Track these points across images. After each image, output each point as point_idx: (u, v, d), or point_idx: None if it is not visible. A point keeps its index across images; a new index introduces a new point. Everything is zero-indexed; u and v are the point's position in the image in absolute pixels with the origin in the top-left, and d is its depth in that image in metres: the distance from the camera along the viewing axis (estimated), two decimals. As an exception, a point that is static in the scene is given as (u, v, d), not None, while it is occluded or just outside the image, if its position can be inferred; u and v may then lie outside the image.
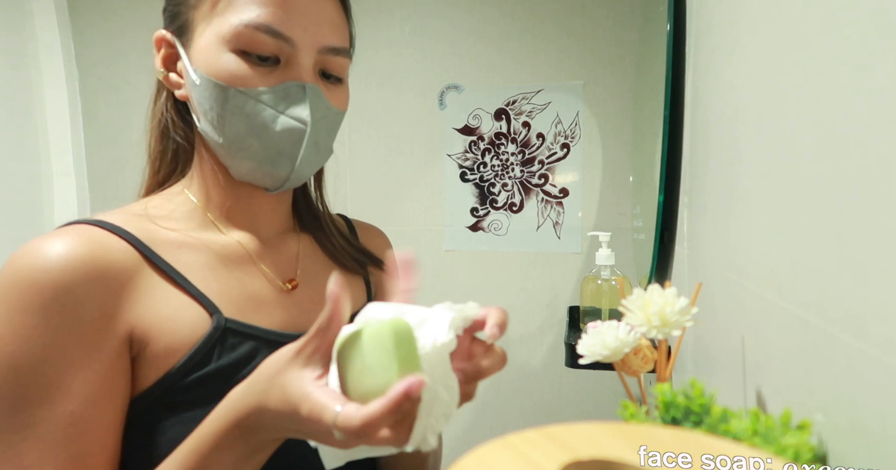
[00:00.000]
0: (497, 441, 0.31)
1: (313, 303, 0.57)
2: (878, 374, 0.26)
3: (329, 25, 0.51)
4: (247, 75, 0.48)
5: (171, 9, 0.53)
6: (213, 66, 0.48)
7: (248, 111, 0.49)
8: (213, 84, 0.48)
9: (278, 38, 0.48)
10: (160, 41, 0.54)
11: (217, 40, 0.48)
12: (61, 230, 0.46)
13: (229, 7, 0.48)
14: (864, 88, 0.28)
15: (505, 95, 1.37)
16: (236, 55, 0.48)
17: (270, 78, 0.49)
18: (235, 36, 0.47)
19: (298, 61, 0.49)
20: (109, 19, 1.52)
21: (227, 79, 0.48)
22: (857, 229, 0.28)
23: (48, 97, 1.51)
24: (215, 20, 0.48)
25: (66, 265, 0.42)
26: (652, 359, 0.48)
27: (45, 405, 0.41)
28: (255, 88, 0.48)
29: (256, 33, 0.47)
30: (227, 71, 0.48)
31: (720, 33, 0.60)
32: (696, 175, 0.71)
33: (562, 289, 1.39)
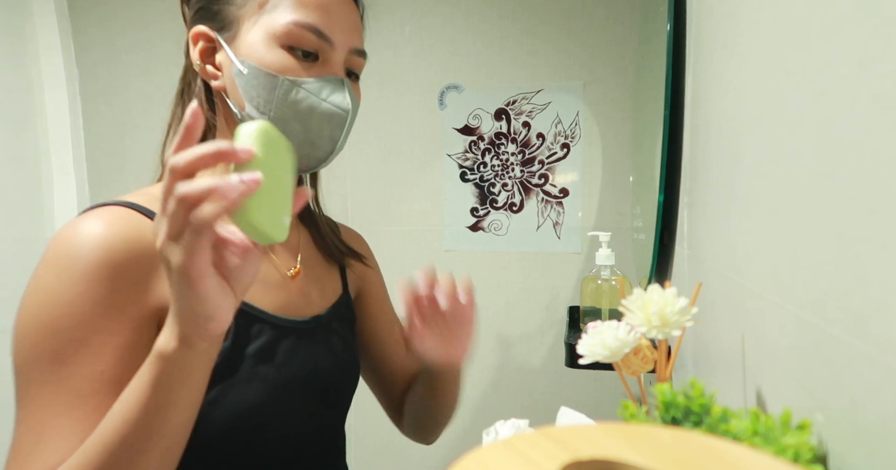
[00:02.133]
0: (497, 441, 0.31)
1: (309, 287, 0.65)
2: (878, 374, 0.26)
3: (356, 31, 0.60)
4: (294, 67, 0.55)
5: (213, 7, 0.58)
6: (263, 58, 0.55)
7: (294, 98, 0.55)
8: (263, 73, 0.54)
9: (321, 38, 0.56)
10: (198, 36, 0.58)
11: (267, 36, 0.55)
12: (99, 211, 0.51)
13: (278, 7, 0.55)
14: (865, 88, 0.28)
15: (505, 95, 1.37)
16: (284, 50, 0.55)
17: (312, 71, 0.56)
18: (286, 33, 0.54)
19: (334, 59, 0.57)
20: (109, 19, 1.52)
21: (277, 69, 0.54)
22: (857, 229, 0.28)
23: (48, 97, 1.51)
24: (264, 18, 0.55)
25: (106, 243, 0.48)
26: (652, 359, 0.48)
27: (78, 363, 0.46)
28: (302, 78, 0.55)
29: (304, 32, 0.55)
30: (277, 62, 0.55)
31: (720, 33, 0.60)
32: (696, 175, 0.71)
33: (562, 289, 1.39)
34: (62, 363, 0.46)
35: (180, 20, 1.63)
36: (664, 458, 0.28)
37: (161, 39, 1.51)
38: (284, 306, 0.60)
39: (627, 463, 0.28)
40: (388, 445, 1.48)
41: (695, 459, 0.28)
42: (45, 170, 1.51)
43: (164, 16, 1.50)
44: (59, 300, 0.46)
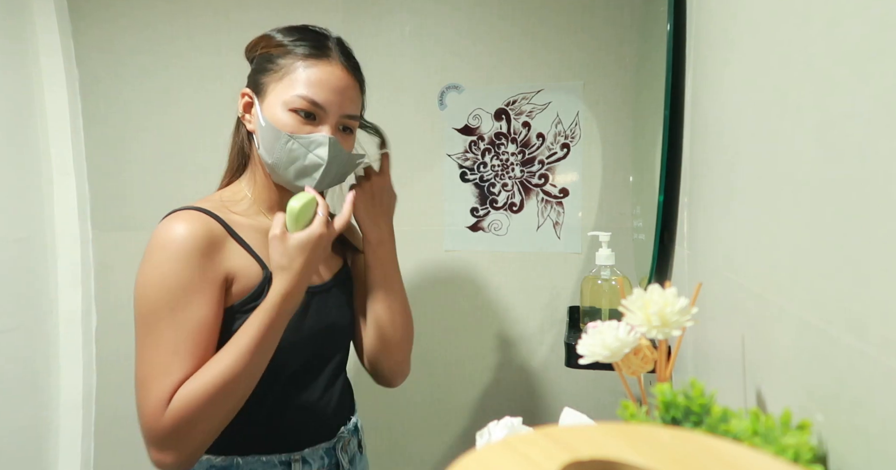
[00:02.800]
0: (497, 441, 0.31)
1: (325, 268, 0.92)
2: (878, 374, 0.26)
3: (349, 100, 0.83)
4: (295, 126, 0.79)
5: (255, 77, 0.84)
6: (275, 117, 0.79)
7: (290, 147, 0.79)
8: (273, 128, 0.79)
9: (317, 107, 0.79)
10: (243, 94, 0.85)
11: (280, 102, 0.79)
12: (185, 214, 0.76)
13: (292, 83, 0.79)
14: (865, 88, 0.28)
15: (505, 95, 1.37)
16: (291, 113, 0.79)
17: (307, 129, 0.79)
18: (291, 102, 0.79)
19: (327, 121, 0.81)
20: (110, 20, 1.52)
21: (282, 126, 0.79)
22: (857, 229, 0.28)
23: (48, 98, 1.51)
24: (279, 88, 0.80)
25: (194, 234, 0.74)
26: (652, 359, 0.48)
27: (187, 310, 0.72)
28: (298, 135, 0.79)
29: (305, 102, 0.79)
30: (283, 121, 0.79)
31: (720, 33, 0.60)
32: (696, 175, 0.71)
33: (562, 289, 1.39)
34: (175, 310, 0.71)
35: (180, 21, 1.63)
36: (664, 458, 0.28)
37: (162, 40, 1.51)
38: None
39: (627, 463, 0.28)
40: (388, 446, 1.48)
41: (695, 459, 0.28)
42: (45, 170, 1.51)
43: (164, 17, 1.50)
44: (168, 271, 0.71)
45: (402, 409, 1.47)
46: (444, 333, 1.44)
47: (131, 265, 1.55)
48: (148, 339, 0.71)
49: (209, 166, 1.51)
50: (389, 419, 1.48)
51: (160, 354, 0.70)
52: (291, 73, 0.79)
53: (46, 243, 1.51)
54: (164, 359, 0.69)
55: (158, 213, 1.53)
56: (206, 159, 1.52)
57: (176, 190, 1.54)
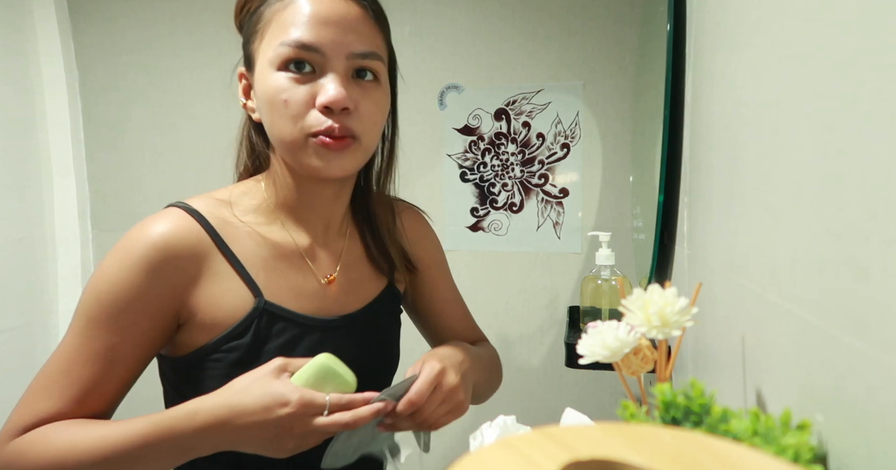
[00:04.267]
0: (497, 441, 0.31)
1: (345, 295, 0.69)
2: (878, 374, 0.26)
3: (356, 34, 0.60)
4: (286, 86, 0.58)
5: (244, 49, 0.65)
6: (265, 86, 0.59)
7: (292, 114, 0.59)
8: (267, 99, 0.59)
9: (309, 50, 0.58)
10: (240, 76, 0.67)
11: (266, 64, 0.59)
12: (163, 214, 0.61)
13: (273, 36, 0.59)
14: (865, 88, 0.28)
15: (505, 95, 1.37)
16: (279, 72, 0.58)
17: (306, 85, 0.58)
18: (276, 56, 0.58)
19: (329, 67, 0.59)
20: (109, 19, 1.52)
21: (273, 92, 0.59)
22: (857, 229, 0.28)
23: (48, 97, 1.51)
24: (262, 49, 0.60)
25: (156, 248, 0.57)
26: (652, 359, 0.48)
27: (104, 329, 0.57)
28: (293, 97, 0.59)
29: (290, 49, 0.57)
30: (273, 86, 0.59)
31: (720, 33, 0.60)
32: (696, 175, 0.71)
33: (562, 289, 1.39)
34: (88, 325, 0.57)
35: (180, 20, 1.63)
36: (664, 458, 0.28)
37: (161, 39, 1.51)
38: (315, 310, 0.65)
39: (627, 463, 0.28)
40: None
41: (695, 459, 0.28)
42: (45, 170, 1.51)
43: (164, 16, 1.49)
44: (112, 280, 0.57)
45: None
46: (444, 333, 1.44)
47: (131, 265, 1.56)
48: (66, 338, 0.59)
49: (209, 166, 1.51)
50: (389, 419, 1.48)
51: (59, 363, 0.58)
52: (272, 23, 0.59)
53: (46, 243, 1.51)
54: (56, 372, 0.57)
55: (158, 213, 1.54)
56: (207, 159, 1.52)
57: (176, 190, 1.54)
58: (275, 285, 0.63)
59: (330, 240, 0.70)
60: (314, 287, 0.66)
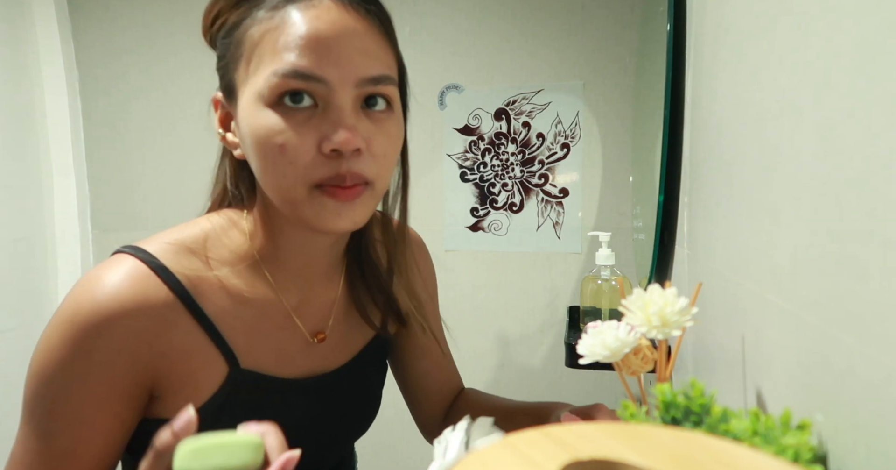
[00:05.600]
0: (497, 441, 0.31)
1: (335, 352, 0.60)
2: (878, 374, 0.26)
3: (363, 56, 0.48)
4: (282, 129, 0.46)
5: (219, 70, 0.52)
6: (255, 123, 0.47)
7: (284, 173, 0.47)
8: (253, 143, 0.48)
9: (309, 80, 0.46)
10: (216, 103, 0.54)
11: (254, 97, 0.47)
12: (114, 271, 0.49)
13: (261, 64, 0.46)
14: (865, 87, 0.28)
15: (505, 95, 1.37)
16: (271, 109, 0.46)
17: (309, 126, 0.46)
18: (268, 88, 0.46)
19: (336, 101, 0.47)
20: (109, 19, 1.52)
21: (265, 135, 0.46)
22: (857, 229, 0.28)
23: (48, 97, 1.51)
24: (249, 79, 0.48)
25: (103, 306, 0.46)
26: (652, 359, 0.48)
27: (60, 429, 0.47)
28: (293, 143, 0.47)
29: (286, 81, 0.45)
30: (264, 127, 0.46)
31: (720, 33, 0.60)
32: (696, 175, 0.71)
33: (562, 289, 1.39)
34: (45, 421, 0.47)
35: (179, 21, 1.63)
36: (664, 458, 0.28)
37: (161, 39, 1.51)
38: (299, 372, 0.57)
39: (627, 463, 0.28)
40: (385, 446, 1.48)
41: (695, 459, 0.28)
42: (45, 170, 1.51)
43: (163, 16, 1.50)
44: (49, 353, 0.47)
45: (401, 408, 1.47)
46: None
47: (131, 265, 1.56)
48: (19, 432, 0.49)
49: (209, 166, 1.52)
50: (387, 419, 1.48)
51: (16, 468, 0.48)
52: (261, 46, 0.47)
53: (46, 243, 1.51)
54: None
55: (158, 213, 1.54)
56: (206, 159, 1.52)
57: (176, 190, 1.54)
58: (256, 350, 0.54)
59: (321, 290, 0.61)
60: (300, 346, 0.58)
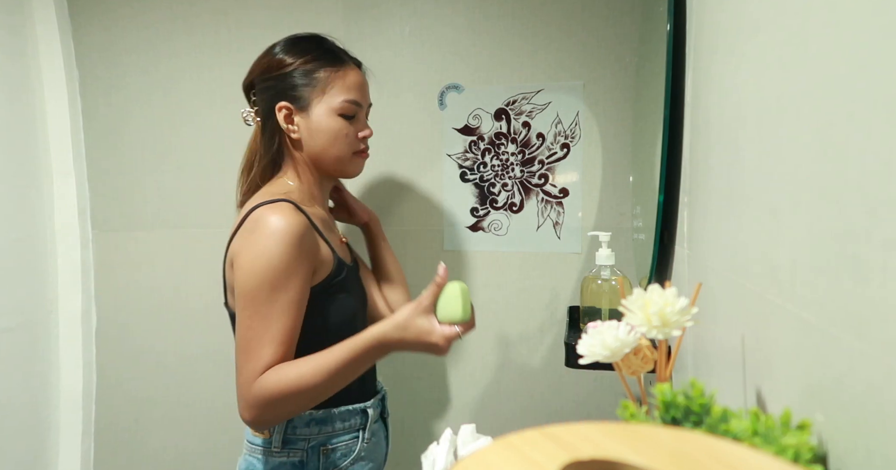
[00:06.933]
0: (497, 441, 0.31)
1: (348, 253, 1.07)
2: (878, 374, 0.26)
3: (368, 93, 1.03)
4: (345, 125, 0.97)
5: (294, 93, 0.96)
6: (329, 123, 0.96)
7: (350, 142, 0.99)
8: (331, 131, 0.97)
9: (358, 106, 0.98)
10: (283, 108, 0.96)
11: (329, 109, 0.96)
12: (283, 206, 0.87)
13: (333, 92, 0.96)
14: (865, 88, 0.28)
15: (505, 95, 1.37)
16: (339, 117, 0.96)
17: (351, 127, 0.98)
18: (340, 108, 0.96)
19: (361, 116, 1.01)
20: (109, 20, 1.52)
21: (338, 129, 0.97)
22: (857, 229, 0.28)
23: (48, 97, 1.51)
24: (325, 98, 0.96)
25: (295, 226, 0.85)
26: (652, 359, 0.48)
27: (284, 290, 0.84)
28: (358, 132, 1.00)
29: (350, 105, 0.97)
30: (335, 125, 0.97)
31: (720, 33, 0.60)
32: (696, 175, 0.71)
33: (562, 289, 1.39)
34: (276, 290, 0.83)
35: (180, 21, 1.63)
36: (664, 458, 0.28)
37: (161, 40, 1.51)
38: (345, 258, 1.01)
39: (627, 463, 0.28)
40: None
41: (695, 459, 0.28)
42: (45, 170, 1.51)
43: (164, 17, 1.49)
44: (274, 256, 0.83)
45: (401, 408, 1.47)
46: (444, 333, 1.44)
47: (131, 265, 1.56)
48: (249, 311, 0.83)
49: (209, 166, 1.51)
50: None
51: (259, 327, 0.83)
52: (331, 85, 0.95)
53: (46, 243, 1.51)
54: (261, 332, 0.83)
55: (158, 213, 1.54)
56: (207, 159, 1.52)
57: (176, 190, 1.54)
58: (333, 243, 0.97)
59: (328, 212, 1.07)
60: (339, 242, 1.03)
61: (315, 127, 0.96)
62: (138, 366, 1.57)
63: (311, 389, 0.83)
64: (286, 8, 1.45)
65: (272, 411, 0.83)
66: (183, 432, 1.57)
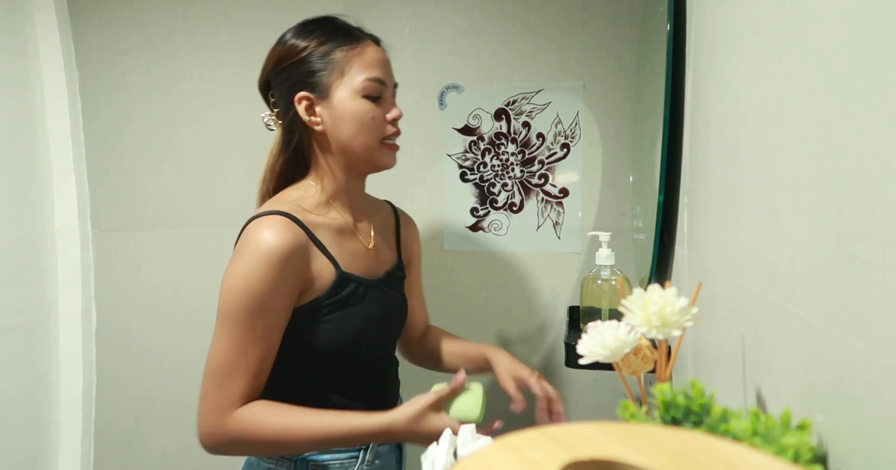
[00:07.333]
0: (497, 441, 0.31)
1: (380, 261, 0.96)
2: (878, 374, 0.26)
3: (391, 70, 0.90)
4: (371, 109, 0.85)
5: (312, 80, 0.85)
6: (354, 107, 0.85)
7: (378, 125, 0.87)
8: (357, 116, 0.85)
9: (382, 84, 0.86)
10: (302, 98, 0.85)
11: (350, 93, 0.84)
12: (274, 220, 0.80)
13: (352, 72, 0.85)
14: (864, 88, 0.28)
15: (505, 95, 1.37)
16: (363, 99, 0.85)
17: (379, 109, 0.86)
18: (363, 88, 0.84)
19: (386, 95, 0.88)
20: (109, 20, 1.52)
21: (364, 112, 0.85)
22: (857, 229, 0.28)
23: (48, 97, 1.51)
24: (345, 80, 0.85)
25: (282, 244, 0.78)
26: (652, 359, 0.48)
27: (261, 316, 0.77)
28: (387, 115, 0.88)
29: (373, 84, 0.85)
30: (361, 108, 0.85)
31: (720, 33, 0.60)
32: (696, 175, 0.71)
33: (562, 289, 1.39)
34: (254, 314, 0.77)
35: (180, 22, 1.63)
36: (664, 458, 0.28)
37: (161, 40, 1.51)
38: (366, 269, 0.91)
39: (627, 463, 0.28)
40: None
41: (695, 459, 0.28)
42: (45, 170, 1.51)
43: (164, 16, 1.50)
44: (255, 277, 0.76)
45: (402, 409, 1.47)
46: (444, 333, 1.45)
47: (131, 265, 1.56)
48: (225, 333, 0.78)
49: (209, 166, 1.51)
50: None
51: (233, 352, 0.77)
52: (349, 65, 0.85)
53: (46, 243, 1.51)
54: (236, 359, 0.77)
55: (158, 213, 1.54)
56: (207, 159, 1.52)
57: (176, 190, 1.54)
58: (344, 257, 0.87)
59: (363, 216, 0.96)
60: (362, 251, 0.92)
61: (339, 114, 0.84)
62: (138, 366, 1.57)
63: (292, 445, 0.79)
64: (286, 8, 1.45)
65: (238, 448, 0.80)
66: (183, 432, 1.57)
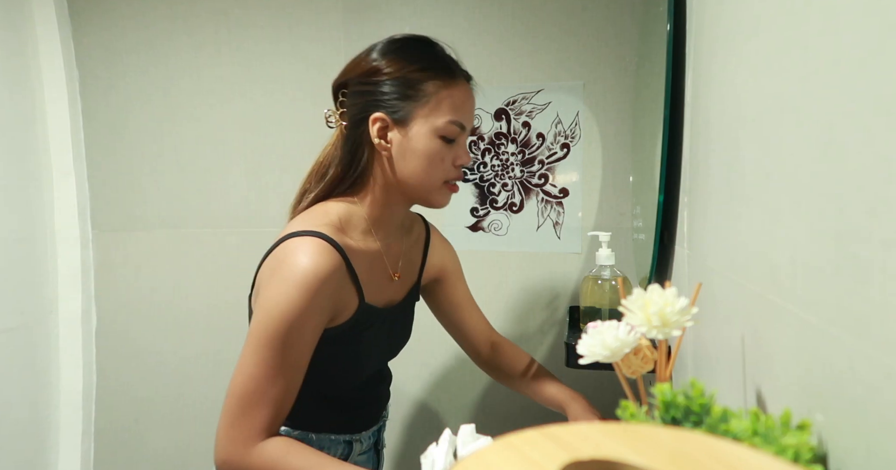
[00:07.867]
0: (497, 441, 0.31)
1: (400, 288, 0.95)
2: (878, 374, 0.26)
3: (473, 116, 0.88)
4: (443, 148, 0.83)
5: (395, 104, 0.82)
6: (426, 144, 0.82)
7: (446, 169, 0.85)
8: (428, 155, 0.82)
9: (462, 128, 0.84)
10: (378, 119, 0.82)
11: (431, 130, 0.82)
12: (318, 245, 0.77)
13: (439, 110, 0.82)
14: (864, 88, 0.28)
15: (505, 95, 1.37)
16: (439, 139, 0.82)
17: (450, 152, 0.84)
18: (443, 128, 0.82)
19: (461, 140, 0.85)
20: (109, 20, 1.52)
21: (434, 152, 0.82)
22: (857, 229, 0.28)
23: (48, 97, 1.51)
24: (430, 118, 0.82)
25: (323, 274, 0.76)
26: (652, 359, 0.48)
27: (293, 343, 0.76)
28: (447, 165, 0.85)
29: (453, 127, 0.82)
30: (434, 147, 0.82)
31: (720, 33, 0.60)
32: (696, 175, 0.71)
33: (562, 289, 1.39)
34: (286, 340, 0.75)
35: (180, 21, 1.62)
36: (664, 458, 0.28)
37: (161, 40, 1.51)
38: (386, 299, 0.91)
39: (627, 463, 0.28)
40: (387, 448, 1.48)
41: (695, 459, 0.28)
42: (45, 170, 1.51)
43: (164, 16, 1.50)
44: (293, 302, 0.75)
45: (402, 408, 1.47)
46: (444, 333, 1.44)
47: (131, 265, 1.56)
48: (256, 356, 0.75)
49: (209, 166, 1.51)
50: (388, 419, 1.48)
51: (263, 379, 0.75)
52: (439, 102, 0.82)
53: (46, 243, 1.51)
54: (265, 387, 0.75)
55: (158, 213, 1.54)
56: (207, 159, 1.52)
57: (176, 190, 1.54)
58: (370, 288, 0.86)
59: (394, 242, 0.94)
60: (386, 282, 0.91)
61: (411, 146, 0.82)
62: (138, 366, 1.57)
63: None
64: (286, 8, 1.45)
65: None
66: (183, 432, 1.57)
